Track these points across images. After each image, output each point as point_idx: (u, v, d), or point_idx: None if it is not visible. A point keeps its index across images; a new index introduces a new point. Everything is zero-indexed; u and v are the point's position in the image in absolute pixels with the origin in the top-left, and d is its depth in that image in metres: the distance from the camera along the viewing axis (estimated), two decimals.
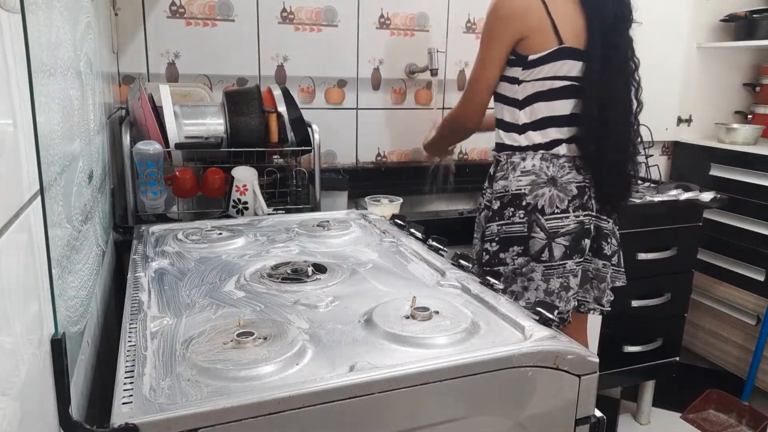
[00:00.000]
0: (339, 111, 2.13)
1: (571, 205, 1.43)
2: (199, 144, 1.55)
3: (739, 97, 2.70)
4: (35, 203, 0.57)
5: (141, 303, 0.88)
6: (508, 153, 1.47)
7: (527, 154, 1.45)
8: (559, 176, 1.43)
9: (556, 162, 1.44)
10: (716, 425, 2.22)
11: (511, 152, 1.47)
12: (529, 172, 1.44)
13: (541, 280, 1.43)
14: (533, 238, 1.42)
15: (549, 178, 1.43)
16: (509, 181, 1.45)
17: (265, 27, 1.96)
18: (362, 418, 0.67)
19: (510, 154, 1.47)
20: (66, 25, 0.82)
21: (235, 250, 1.18)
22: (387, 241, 1.25)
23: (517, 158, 1.46)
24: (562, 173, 1.43)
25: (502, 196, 1.46)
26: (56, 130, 0.71)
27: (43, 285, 0.58)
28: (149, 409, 0.60)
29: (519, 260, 1.44)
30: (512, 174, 1.45)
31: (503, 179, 1.47)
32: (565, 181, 1.43)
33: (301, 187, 1.71)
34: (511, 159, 1.46)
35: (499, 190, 1.47)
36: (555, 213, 1.42)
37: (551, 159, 1.44)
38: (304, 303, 0.90)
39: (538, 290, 1.43)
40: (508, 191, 1.45)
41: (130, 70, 1.85)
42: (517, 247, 1.44)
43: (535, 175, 1.43)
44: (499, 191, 1.47)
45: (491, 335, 0.80)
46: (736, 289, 2.33)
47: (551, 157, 1.44)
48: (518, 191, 1.44)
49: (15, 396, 0.48)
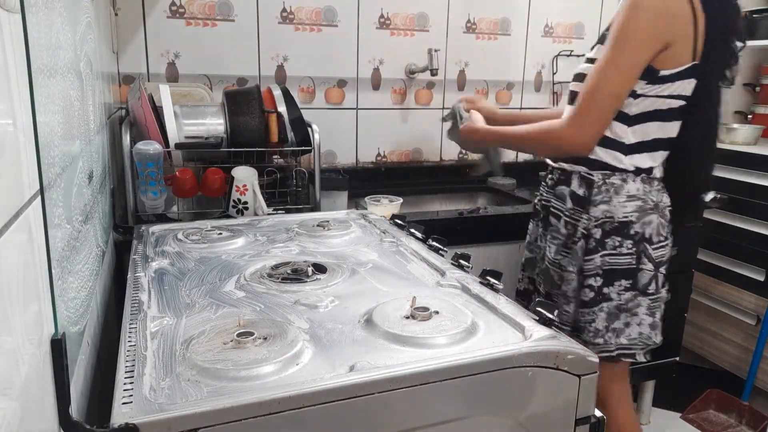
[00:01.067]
0: (339, 111, 2.13)
1: (669, 231, 1.33)
2: (199, 144, 1.55)
3: (739, 97, 2.70)
4: (35, 203, 0.57)
5: (141, 303, 0.88)
6: (606, 173, 1.28)
7: (628, 175, 1.27)
8: (660, 201, 1.30)
9: (655, 184, 1.29)
10: (716, 425, 2.22)
11: (610, 172, 1.28)
12: (635, 197, 1.27)
13: (646, 314, 1.31)
14: (641, 270, 1.28)
15: (654, 204, 1.29)
16: (613, 206, 1.27)
17: (265, 27, 1.96)
18: (362, 418, 0.67)
19: (608, 174, 1.28)
20: (66, 25, 0.82)
21: (235, 250, 1.18)
22: (387, 241, 1.25)
23: (617, 180, 1.27)
24: (660, 197, 1.30)
25: (604, 223, 1.28)
26: (56, 130, 0.71)
27: (43, 285, 0.58)
28: (149, 409, 0.60)
29: (626, 295, 1.29)
30: (615, 198, 1.27)
31: (604, 203, 1.28)
32: (664, 206, 1.31)
33: (301, 187, 1.71)
34: (610, 180, 1.27)
35: (600, 217, 1.28)
36: (660, 242, 1.30)
37: (650, 181, 1.29)
38: (304, 303, 0.90)
39: (642, 325, 1.30)
40: (613, 218, 1.27)
41: (130, 70, 1.85)
42: (624, 280, 1.28)
43: (641, 201, 1.27)
44: (600, 218, 1.28)
45: (491, 335, 0.80)
46: (736, 289, 2.32)
47: (650, 179, 1.29)
48: (625, 219, 1.27)
49: (15, 396, 0.48)
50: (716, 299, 2.41)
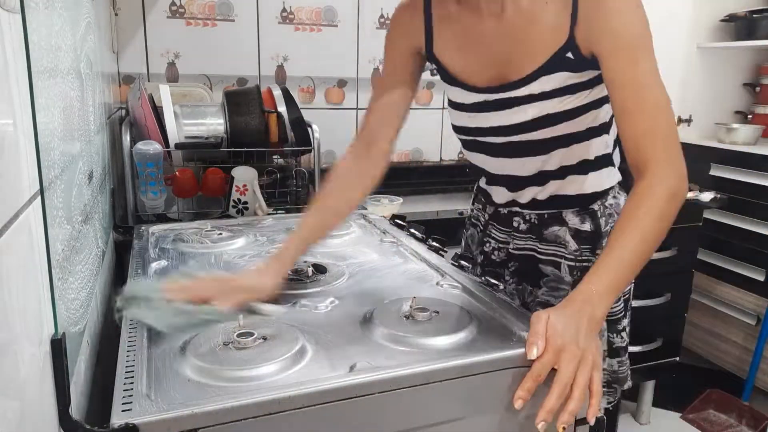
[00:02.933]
0: (339, 111, 2.13)
1: None
2: (199, 144, 1.55)
3: (739, 97, 2.70)
4: (35, 203, 0.57)
5: None
6: (602, 199, 1.06)
7: (613, 188, 1.08)
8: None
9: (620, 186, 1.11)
10: (716, 425, 2.22)
11: (604, 196, 1.06)
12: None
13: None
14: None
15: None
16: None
17: (265, 27, 1.96)
18: (362, 418, 0.67)
19: (604, 199, 1.06)
20: (66, 25, 0.82)
21: (235, 250, 1.18)
22: (387, 241, 1.25)
23: (610, 199, 1.07)
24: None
25: None
26: (56, 131, 0.71)
27: (43, 285, 0.58)
28: (149, 409, 0.60)
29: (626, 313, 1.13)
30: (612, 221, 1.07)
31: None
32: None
33: (301, 187, 1.71)
34: (608, 202, 1.07)
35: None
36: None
37: (621, 185, 1.10)
38: (304, 303, 0.90)
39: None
40: None
41: (130, 70, 1.85)
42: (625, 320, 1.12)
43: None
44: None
45: (491, 335, 0.80)
46: (736, 289, 2.32)
47: (620, 183, 1.10)
48: None
49: (15, 396, 0.48)
50: (716, 299, 2.41)
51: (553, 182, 1.04)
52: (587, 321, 0.76)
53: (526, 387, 0.72)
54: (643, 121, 0.88)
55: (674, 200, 0.86)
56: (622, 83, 0.89)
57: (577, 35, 0.91)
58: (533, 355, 0.72)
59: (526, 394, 0.72)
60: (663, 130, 0.88)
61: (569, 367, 0.71)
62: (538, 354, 0.72)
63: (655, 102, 0.88)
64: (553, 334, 0.73)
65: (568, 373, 0.71)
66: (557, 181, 1.04)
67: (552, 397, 0.70)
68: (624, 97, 0.89)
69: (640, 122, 0.88)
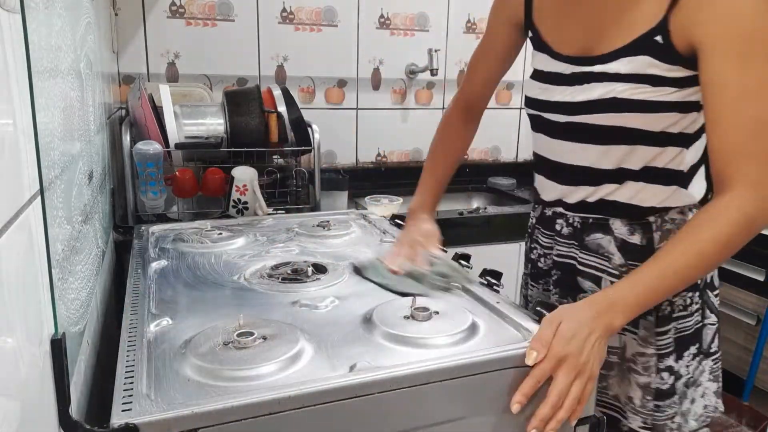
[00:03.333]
0: (339, 111, 2.13)
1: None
2: (199, 144, 1.55)
3: None
4: (35, 203, 0.57)
5: (141, 303, 0.88)
6: (661, 213, 0.93)
7: (685, 207, 0.94)
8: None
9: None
10: (716, 425, 2.22)
11: (664, 210, 0.93)
12: None
13: (710, 380, 0.99)
14: (705, 326, 0.97)
15: None
16: None
17: (265, 27, 1.96)
18: (362, 418, 0.67)
19: (663, 213, 0.93)
20: (66, 25, 0.82)
21: (235, 250, 1.18)
22: (387, 241, 1.25)
23: (675, 213, 0.93)
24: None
25: None
26: (56, 131, 0.71)
27: (43, 285, 0.58)
28: (149, 409, 0.60)
29: (693, 364, 0.96)
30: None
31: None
32: None
33: (301, 187, 1.71)
34: (669, 216, 0.93)
35: None
36: (718, 284, 1.00)
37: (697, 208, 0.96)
38: (304, 303, 0.90)
39: (706, 395, 0.98)
40: None
41: (130, 70, 1.85)
42: (693, 347, 0.96)
43: None
44: None
45: (491, 335, 0.80)
46: (736, 289, 2.32)
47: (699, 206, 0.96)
48: None
49: (15, 396, 0.48)
50: None
51: (607, 185, 0.93)
52: (602, 330, 0.73)
53: (524, 391, 0.72)
54: (735, 135, 0.77)
55: (748, 229, 0.77)
56: (721, 86, 0.77)
57: (672, 20, 0.81)
58: (531, 361, 0.72)
59: (524, 398, 0.72)
60: (757, 149, 0.77)
61: (566, 379, 0.71)
62: (535, 360, 0.72)
63: (755, 115, 0.76)
64: (558, 341, 0.72)
65: (564, 384, 0.71)
66: (612, 185, 0.93)
67: (546, 406, 0.71)
68: (721, 104, 0.77)
69: (732, 135, 0.77)
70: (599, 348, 0.73)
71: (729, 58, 0.76)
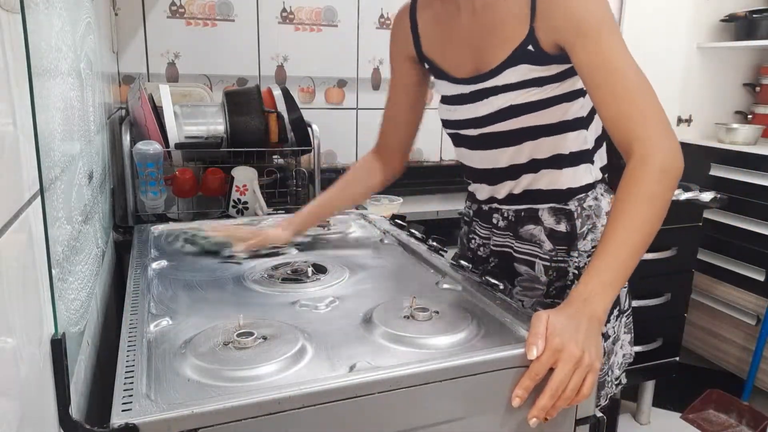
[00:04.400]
0: (339, 111, 2.13)
1: None
2: (199, 144, 1.55)
3: (739, 97, 2.70)
4: (35, 203, 0.57)
5: (141, 303, 0.88)
6: (580, 198, 1.04)
7: (596, 189, 1.05)
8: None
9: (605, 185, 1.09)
10: (716, 425, 2.22)
11: (584, 195, 1.04)
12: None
13: (626, 333, 1.14)
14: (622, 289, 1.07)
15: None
16: (599, 233, 1.04)
17: (265, 27, 1.96)
18: (362, 418, 0.67)
19: (581, 198, 1.04)
20: (66, 25, 0.82)
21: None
22: (387, 241, 1.25)
23: (591, 200, 1.04)
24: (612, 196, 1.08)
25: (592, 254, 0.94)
26: (56, 131, 0.71)
27: (43, 285, 0.58)
28: (149, 409, 0.60)
29: (616, 324, 1.10)
30: (599, 222, 1.04)
31: (591, 233, 1.04)
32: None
33: (301, 187, 1.71)
34: (587, 203, 1.04)
35: (589, 249, 1.04)
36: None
37: (605, 184, 1.08)
38: (304, 303, 0.90)
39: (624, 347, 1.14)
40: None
41: (130, 70, 1.85)
42: (615, 309, 1.08)
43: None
44: (590, 250, 1.04)
45: (491, 335, 0.80)
46: (736, 289, 2.32)
47: (604, 181, 1.08)
48: None
49: (15, 396, 0.48)
50: (716, 299, 2.41)
51: (526, 176, 1.04)
52: (587, 320, 0.75)
53: (524, 385, 0.72)
54: (618, 103, 0.86)
55: (665, 177, 0.82)
56: (591, 68, 0.87)
57: (537, 28, 0.93)
58: (533, 356, 0.72)
59: (524, 392, 0.72)
60: (642, 108, 0.85)
61: (565, 368, 0.71)
62: (537, 354, 0.72)
63: (628, 82, 0.85)
64: (552, 333, 0.73)
65: (563, 374, 0.71)
66: (530, 175, 1.04)
67: (545, 396, 0.71)
68: (597, 82, 0.87)
69: (615, 104, 0.86)
70: (594, 339, 0.75)
71: (590, 46, 0.88)
